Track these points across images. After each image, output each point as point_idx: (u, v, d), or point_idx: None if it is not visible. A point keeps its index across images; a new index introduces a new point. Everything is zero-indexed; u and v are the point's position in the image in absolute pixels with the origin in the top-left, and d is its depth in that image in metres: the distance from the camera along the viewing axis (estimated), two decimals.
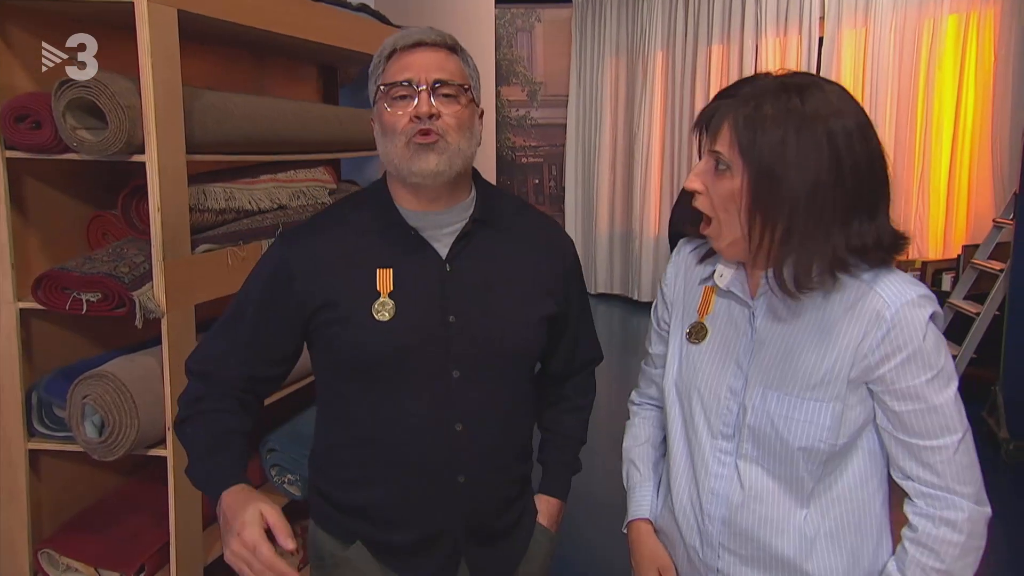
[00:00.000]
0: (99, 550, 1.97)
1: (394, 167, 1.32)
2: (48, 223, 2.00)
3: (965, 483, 1.13)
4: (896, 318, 1.10)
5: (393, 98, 1.29)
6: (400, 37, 1.32)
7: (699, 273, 1.31)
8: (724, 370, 1.23)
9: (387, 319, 1.30)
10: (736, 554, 1.22)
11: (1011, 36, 5.45)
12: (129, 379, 1.85)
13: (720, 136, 1.12)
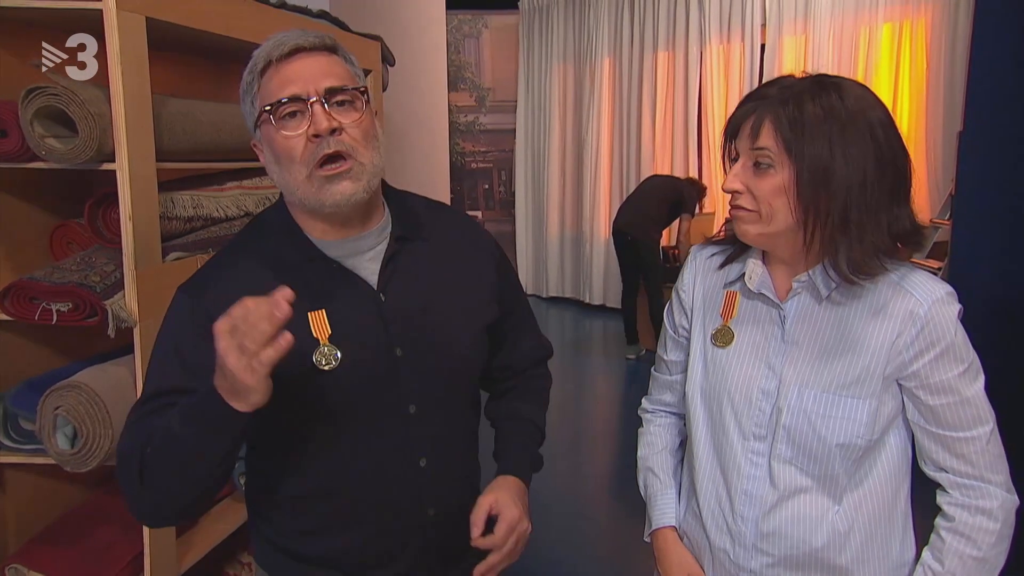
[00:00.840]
0: (69, 563, 1.94)
1: (298, 199, 1.18)
2: (11, 233, 1.97)
3: (997, 472, 1.17)
4: (929, 315, 1.15)
5: (281, 118, 1.14)
6: (273, 46, 1.16)
7: (721, 278, 1.32)
8: (755, 372, 1.24)
9: (333, 366, 1.18)
10: (769, 554, 1.23)
11: (941, 44, 5.67)
12: (101, 389, 1.83)
13: (763, 136, 1.13)
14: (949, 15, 5.61)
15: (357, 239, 1.24)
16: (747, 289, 1.26)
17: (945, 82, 5.66)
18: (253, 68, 1.18)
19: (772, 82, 1.20)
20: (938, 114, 5.71)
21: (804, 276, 1.20)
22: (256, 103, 1.18)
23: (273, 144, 1.17)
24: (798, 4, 6.33)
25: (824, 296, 1.19)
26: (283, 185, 1.20)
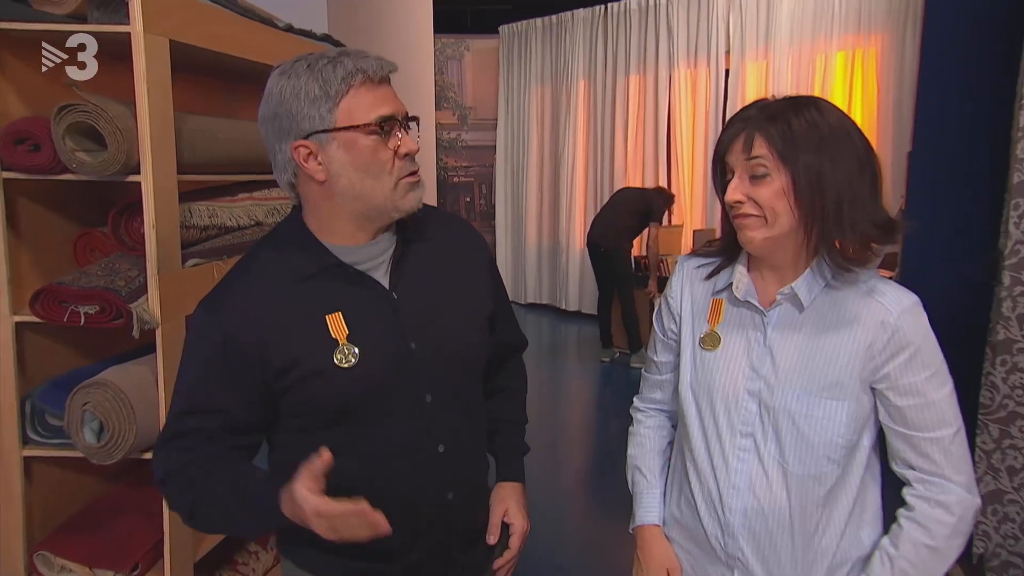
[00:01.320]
0: (93, 550, 1.95)
1: (372, 205, 1.21)
2: (38, 241, 1.98)
3: (959, 472, 1.20)
4: (898, 323, 1.18)
5: (381, 133, 1.17)
6: (370, 66, 1.17)
7: (708, 287, 1.34)
8: (740, 373, 1.27)
9: (353, 364, 1.19)
10: (756, 542, 1.26)
11: (890, 71, 5.80)
12: (126, 387, 1.84)
13: (756, 147, 1.17)
14: (897, 44, 5.74)
15: (370, 245, 1.26)
16: (733, 297, 1.29)
17: (894, 105, 5.79)
18: (347, 78, 1.15)
19: (751, 105, 1.23)
20: (888, 134, 5.83)
21: (787, 289, 1.24)
22: (333, 112, 1.16)
23: (367, 154, 1.17)
24: (759, 33, 6.45)
25: (805, 306, 1.23)
26: (361, 193, 1.19)
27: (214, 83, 2.73)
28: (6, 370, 1.87)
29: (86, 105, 1.75)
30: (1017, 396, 2.45)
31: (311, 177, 1.19)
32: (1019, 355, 2.43)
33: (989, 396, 2.48)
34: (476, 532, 1.41)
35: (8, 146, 1.78)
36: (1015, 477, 2.48)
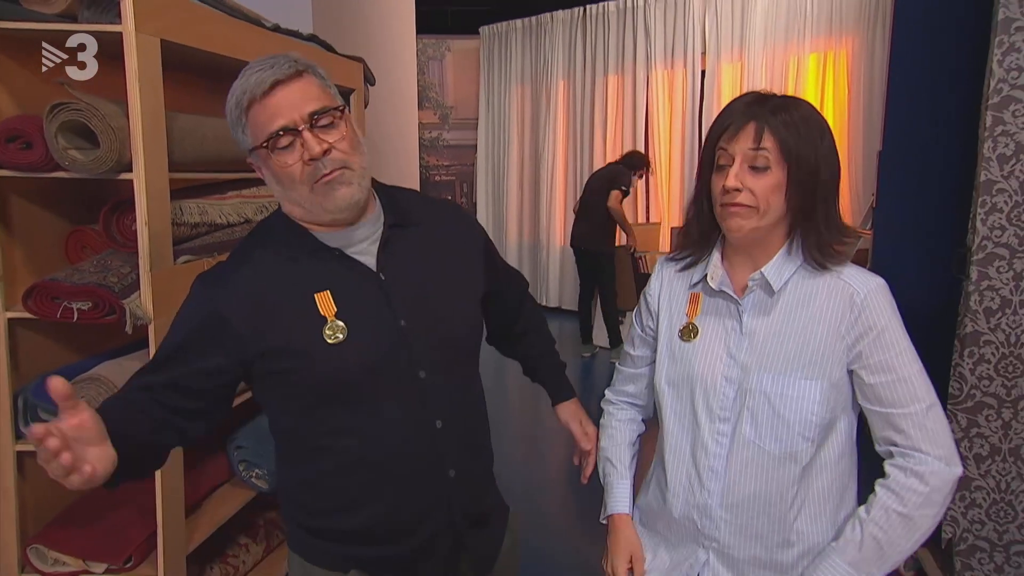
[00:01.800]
0: (86, 543, 1.94)
1: (305, 210, 1.23)
2: (30, 238, 1.97)
3: (936, 445, 1.21)
4: (865, 302, 1.22)
5: (277, 149, 1.18)
6: (254, 84, 1.17)
7: (685, 281, 1.38)
8: (718, 361, 1.29)
9: (342, 340, 1.21)
10: (733, 524, 1.29)
11: (860, 72, 5.88)
12: (120, 382, 1.84)
13: (764, 140, 1.19)
14: (867, 46, 5.82)
15: (353, 230, 1.27)
16: (709, 288, 1.32)
17: (865, 106, 5.87)
18: (239, 103, 1.19)
19: (750, 97, 1.25)
20: (858, 135, 5.91)
21: (757, 274, 1.27)
22: (247, 133, 1.21)
23: (273, 170, 1.21)
24: (734, 35, 6.52)
25: (775, 290, 1.26)
26: (288, 201, 1.24)
27: (200, 82, 2.72)
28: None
29: (78, 104, 1.74)
30: (984, 386, 2.50)
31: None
32: (986, 347, 2.48)
33: (957, 387, 2.53)
34: (483, 515, 1.41)
35: (0, 144, 1.77)
36: (982, 464, 2.54)
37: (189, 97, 2.62)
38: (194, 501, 2.26)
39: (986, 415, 2.51)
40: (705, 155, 1.29)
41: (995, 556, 2.57)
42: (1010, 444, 2.50)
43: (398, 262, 1.29)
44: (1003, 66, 2.36)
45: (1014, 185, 2.41)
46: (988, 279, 2.46)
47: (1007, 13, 2.33)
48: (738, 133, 1.22)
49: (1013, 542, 2.54)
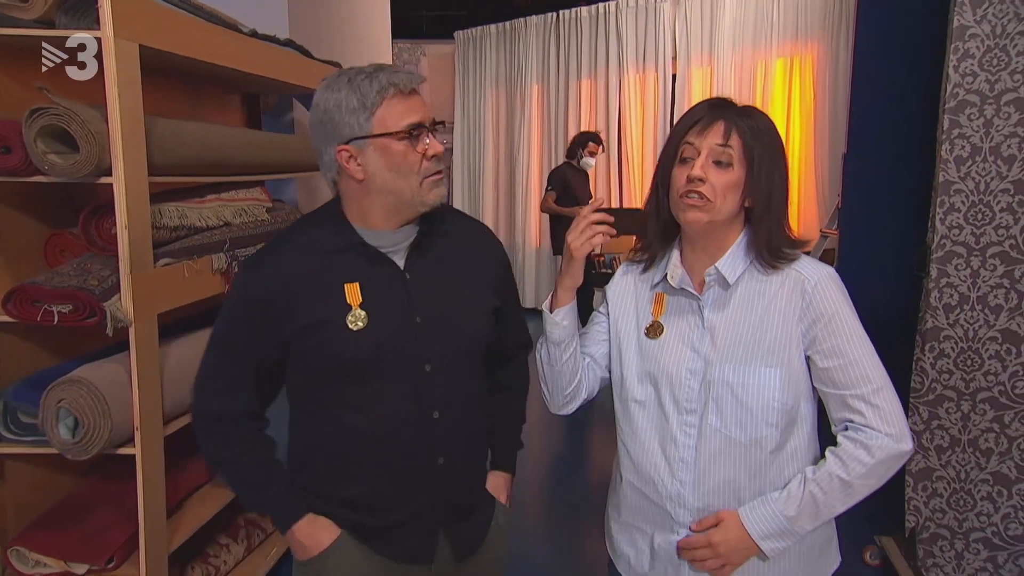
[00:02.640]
0: (68, 544, 1.93)
1: (401, 199, 1.34)
2: (9, 242, 1.96)
3: (887, 424, 1.25)
4: (816, 290, 1.26)
5: (411, 138, 1.30)
6: (402, 80, 1.30)
7: (647, 282, 1.41)
8: (683, 356, 1.33)
9: (361, 327, 1.32)
10: (706, 511, 1.32)
11: (826, 77, 5.97)
12: (100, 383, 1.83)
13: (731, 138, 1.25)
14: (832, 52, 5.91)
15: (394, 232, 1.38)
16: (670, 287, 1.36)
17: (830, 109, 5.95)
18: (382, 91, 1.28)
19: (718, 100, 1.31)
20: (824, 138, 6.00)
21: (712, 269, 1.31)
22: (372, 120, 1.29)
23: (397, 156, 1.30)
24: (703, 40, 6.58)
25: (731, 284, 1.31)
26: (391, 188, 1.32)
27: (178, 86, 2.71)
28: None
29: (58, 108, 1.73)
30: (944, 380, 2.56)
31: (351, 176, 1.33)
32: (946, 342, 2.54)
33: (919, 380, 2.59)
34: (470, 505, 1.47)
35: None
36: (943, 455, 2.59)
37: (168, 102, 2.61)
38: (175, 502, 2.25)
39: (946, 407, 2.57)
40: (668, 149, 1.32)
41: (955, 543, 2.63)
42: (969, 435, 2.56)
43: (424, 265, 1.40)
44: (958, 71, 2.42)
45: (970, 186, 2.46)
46: (947, 276, 2.52)
47: (961, 20, 2.39)
48: (708, 128, 1.27)
49: (972, 529, 2.60)
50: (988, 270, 2.49)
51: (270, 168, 2.75)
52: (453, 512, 1.44)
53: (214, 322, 1.43)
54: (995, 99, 2.41)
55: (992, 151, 2.44)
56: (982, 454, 2.56)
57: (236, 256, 2.36)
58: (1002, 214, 2.45)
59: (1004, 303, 2.48)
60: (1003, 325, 2.49)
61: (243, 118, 3.27)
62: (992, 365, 2.51)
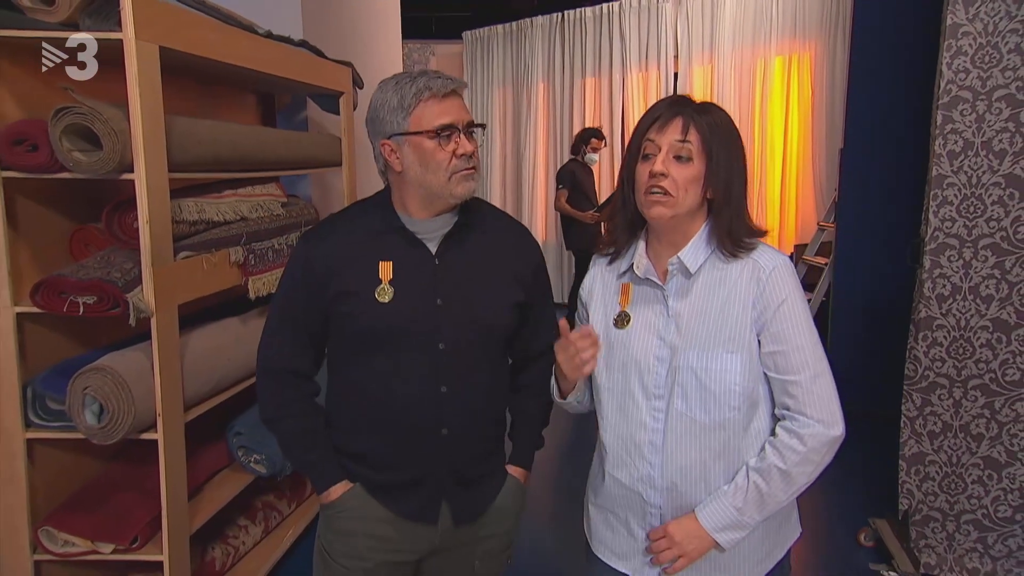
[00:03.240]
0: (94, 525, 1.96)
1: (431, 192, 1.42)
2: (36, 236, 1.98)
3: (818, 410, 1.28)
4: (770, 278, 1.28)
5: (440, 138, 1.38)
6: (438, 84, 1.39)
7: (614, 273, 1.43)
8: (650, 344, 1.35)
9: (387, 301, 1.41)
10: (675, 491, 1.34)
11: (823, 74, 5.94)
12: (124, 371, 1.86)
13: (690, 134, 1.28)
14: (829, 51, 5.89)
15: (431, 220, 1.46)
16: (636, 276, 1.38)
17: (827, 105, 5.93)
18: (418, 94, 1.38)
19: (676, 97, 1.34)
20: (821, 134, 5.98)
21: (675, 259, 1.33)
22: (408, 119, 1.39)
23: (427, 153, 1.39)
24: (704, 39, 6.56)
25: (692, 273, 1.33)
26: (421, 181, 1.41)
27: (197, 86, 2.72)
28: (8, 358, 1.87)
29: (82, 107, 1.75)
30: (937, 368, 2.57)
31: (393, 168, 1.44)
32: (939, 331, 2.54)
33: (912, 368, 2.60)
34: (472, 478, 1.52)
35: (7, 146, 1.78)
36: (935, 440, 2.60)
37: (186, 101, 2.63)
38: (195, 485, 2.28)
39: (939, 394, 2.58)
40: (632, 146, 1.34)
41: (947, 525, 2.64)
42: (960, 421, 2.57)
43: (454, 253, 1.47)
44: (951, 68, 2.42)
45: (963, 179, 2.47)
46: (940, 267, 2.52)
47: (954, 19, 2.39)
48: (667, 125, 1.29)
49: (963, 512, 2.61)
50: (980, 261, 2.49)
51: (284, 164, 2.76)
52: (455, 480, 1.49)
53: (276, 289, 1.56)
54: (987, 95, 2.41)
55: (984, 146, 2.43)
56: (973, 439, 2.57)
57: (252, 249, 2.39)
58: (993, 207, 2.45)
59: (995, 293, 2.48)
60: (994, 314, 2.49)
61: (258, 116, 3.29)
62: (983, 353, 2.52)
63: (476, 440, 1.51)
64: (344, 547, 1.50)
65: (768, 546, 1.38)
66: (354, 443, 1.49)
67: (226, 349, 2.28)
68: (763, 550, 1.38)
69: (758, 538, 1.36)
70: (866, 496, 3.39)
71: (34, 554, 1.95)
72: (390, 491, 1.48)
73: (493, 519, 1.56)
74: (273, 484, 2.82)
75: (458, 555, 1.55)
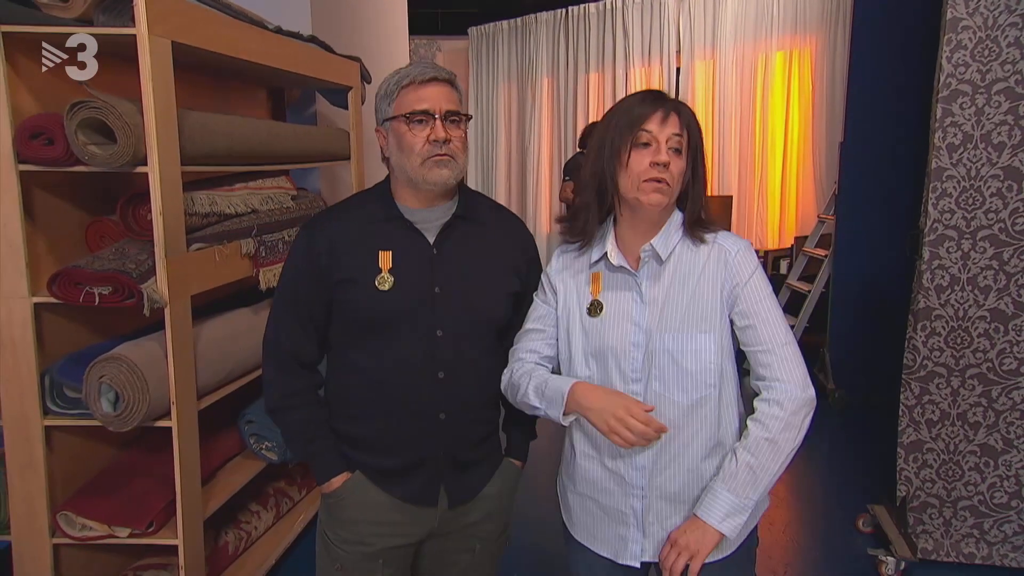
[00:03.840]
0: (111, 510, 1.97)
1: (407, 177, 1.43)
2: (53, 228, 1.98)
3: (789, 373, 1.31)
4: (736, 259, 1.34)
5: (413, 123, 1.40)
6: (417, 72, 1.42)
7: (583, 262, 1.43)
8: (625, 330, 1.36)
9: (387, 289, 1.42)
10: (657, 470, 1.36)
11: (823, 69, 5.91)
12: (139, 360, 1.86)
13: (682, 129, 1.32)
14: (829, 45, 5.85)
15: (430, 210, 1.47)
16: (609, 265, 1.39)
17: (827, 99, 5.90)
18: (399, 83, 1.42)
19: (656, 92, 1.36)
20: (822, 128, 5.94)
21: (648, 246, 1.35)
22: (391, 106, 1.43)
23: (401, 137, 1.42)
24: (706, 34, 6.52)
25: (663, 259, 1.35)
26: (399, 166, 1.44)
27: (208, 81, 2.72)
28: (26, 347, 1.88)
29: (97, 102, 1.75)
30: (935, 357, 2.56)
31: (383, 153, 1.48)
32: (937, 321, 2.54)
33: (911, 357, 2.59)
34: (467, 463, 1.53)
35: (24, 140, 1.79)
36: (932, 428, 2.60)
37: (198, 95, 2.63)
38: (209, 471, 2.29)
39: (937, 383, 2.57)
40: (620, 139, 1.33)
41: (944, 511, 2.64)
42: (958, 409, 2.56)
43: (452, 244, 1.47)
44: (951, 62, 2.40)
45: (962, 172, 2.45)
46: (939, 259, 2.51)
47: (954, 13, 2.37)
48: (667, 119, 1.32)
49: (960, 498, 2.61)
50: (978, 252, 2.48)
51: (294, 158, 2.76)
52: (452, 464, 1.50)
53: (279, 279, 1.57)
54: (986, 88, 2.39)
55: (983, 139, 2.42)
56: (970, 427, 2.56)
57: (263, 241, 2.39)
58: (992, 199, 2.44)
59: (993, 284, 2.47)
60: (992, 305, 2.48)
61: (268, 111, 3.29)
62: (981, 343, 2.51)
63: (472, 424, 1.52)
64: (346, 533, 1.51)
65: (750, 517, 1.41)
66: (354, 428, 1.50)
67: (238, 339, 2.28)
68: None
69: None
70: (864, 483, 3.39)
71: (53, 538, 1.97)
72: (390, 476, 1.49)
73: (489, 502, 1.57)
74: (284, 471, 2.83)
75: (457, 538, 1.57)
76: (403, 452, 1.48)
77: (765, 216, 6.27)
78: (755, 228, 6.28)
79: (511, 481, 1.62)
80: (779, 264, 5.77)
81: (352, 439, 1.50)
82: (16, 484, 1.93)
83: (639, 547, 1.39)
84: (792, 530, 3.10)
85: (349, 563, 1.50)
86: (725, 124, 6.34)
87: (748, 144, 6.34)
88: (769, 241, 6.21)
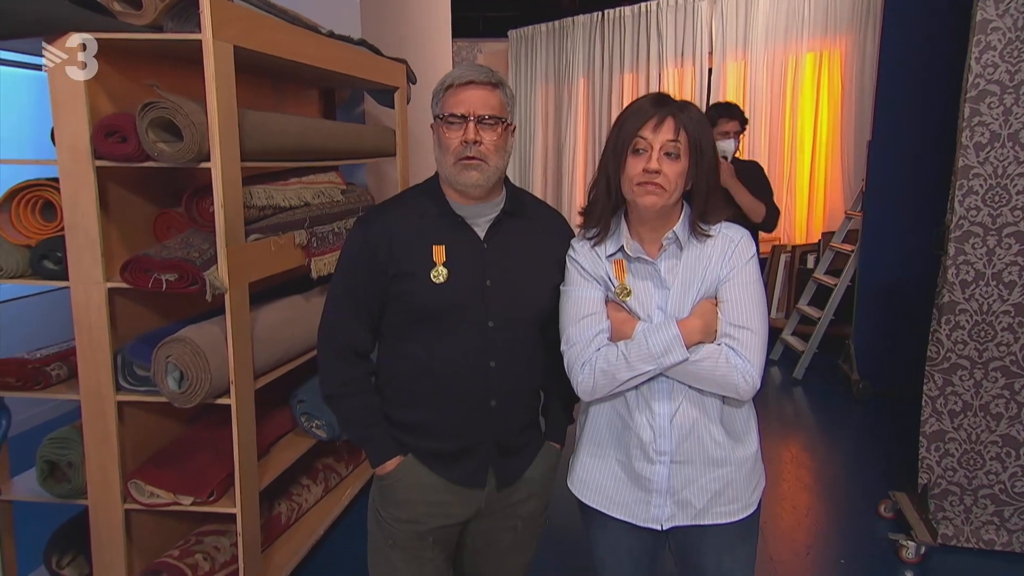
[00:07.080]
0: (176, 480, 2.03)
1: (443, 175, 1.46)
2: (125, 219, 2.04)
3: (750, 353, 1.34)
4: (737, 246, 1.40)
5: (448, 124, 1.42)
6: (457, 76, 1.43)
7: (600, 254, 1.44)
8: (650, 313, 1.39)
9: (441, 282, 1.42)
10: (682, 438, 1.39)
11: (852, 70, 5.77)
12: (202, 342, 1.92)
13: (679, 133, 1.32)
14: (859, 47, 5.72)
15: (478, 206, 1.48)
16: (627, 255, 1.41)
17: (856, 99, 5.76)
18: (443, 84, 1.44)
19: (662, 97, 1.36)
20: (850, 127, 5.82)
21: (670, 234, 1.38)
22: (438, 105, 1.45)
23: (440, 137, 1.44)
24: (738, 36, 6.41)
25: (683, 246, 1.39)
26: (438, 163, 1.47)
27: (263, 81, 2.77)
28: (100, 329, 1.95)
29: (166, 103, 1.80)
30: (958, 350, 2.50)
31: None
32: (961, 315, 2.48)
33: (935, 350, 2.54)
34: (515, 448, 1.54)
35: (100, 138, 1.84)
36: (955, 419, 2.55)
37: (256, 96, 2.69)
38: (264, 447, 2.35)
39: (960, 375, 2.52)
40: (620, 143, 1.35)
41: (964, 499, 2.59)
42: (980, 401, 2.51)
43: (501, 239, 1.48)
44: (980, 62, 2.34)
45: (988, 170, 2.39)
46: (964, 254, 2.45)
47: (984, 15, 2.31)
48: (660, 125, 1.32)
49: (981, 487, 2.56)
50: (1003, 248, 2.42)
51: (343, 155, 2.80)
52: (499, 448, 1.52)
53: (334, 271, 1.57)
54: (1015, 88, 2.33)
55: (1010, 138, 2.36)
56: (992, 418, 2.51)
57: (315, 232, 2.43)
58: (1018, 196, 2.38)
59: (1018, 279, 2.41)
60: (1016, 300, 2.42)
61: (320, 110, 3.34)
62: (1004, 336, 2.45)
63: (519, 411, 1.53)
64: (399, 513, 1.51)
65: (755, 480, 1.47)
66: (407, 414, 1.50)
67: (291, 324, 2.33)
68: (752, 482, 1.46)
69: (747, 472, 1.44)
70: (887, 470, 3.33)
71: (125, 503, 2.04)
72: (442, 459, 1.50)
73: (532, 483, 1.58)
74: (332, 448, 2.88)
75: (501, 516, 1.58)
76: (455, 437, 1.49)
77: (793, 212, 6.16)
78: (784, 224, 6.18)
79: (552, 463, 1.63)
80: (806, 259, 5.68)
81: (405, 425, 1.51)
82: (92, 454, 2.01)
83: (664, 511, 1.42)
84: (815, 513, 3.07)
85: (401, 540, 1.51)
86: (755, 123, 6.23)
87: (778, 142, 6.23)
88: (797, 236, 6.10)
